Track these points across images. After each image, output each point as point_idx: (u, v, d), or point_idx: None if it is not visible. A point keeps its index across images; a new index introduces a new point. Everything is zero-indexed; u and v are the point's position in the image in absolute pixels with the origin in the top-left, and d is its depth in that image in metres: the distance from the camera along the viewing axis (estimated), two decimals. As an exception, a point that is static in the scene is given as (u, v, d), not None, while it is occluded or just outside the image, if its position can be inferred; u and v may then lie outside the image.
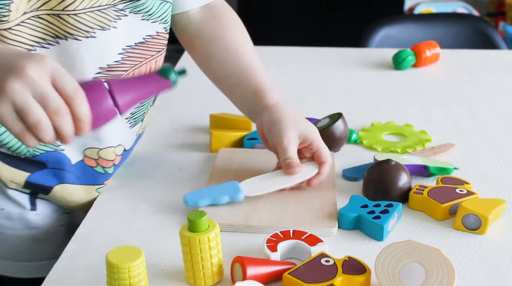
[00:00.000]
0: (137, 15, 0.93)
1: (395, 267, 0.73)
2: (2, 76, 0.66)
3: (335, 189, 0.97)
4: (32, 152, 0.93)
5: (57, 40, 0.86)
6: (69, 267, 0.81)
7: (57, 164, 0.96)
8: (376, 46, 2.09)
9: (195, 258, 0.75)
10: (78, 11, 0.86)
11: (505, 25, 3.22)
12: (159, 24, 0.97)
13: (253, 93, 1.01)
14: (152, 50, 0.97)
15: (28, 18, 0.84)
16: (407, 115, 1.29)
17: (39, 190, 0.97)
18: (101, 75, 0.92)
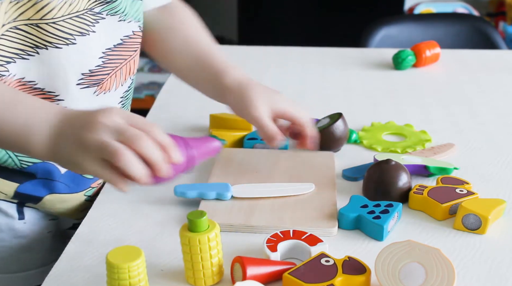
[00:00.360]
0: (114, 16, 0.93)
1: (395, 267, 0.73)
2: (80, 134, 0.70)
3: (335, 189, 0.97)
4: (20, 165, 0.92)
5: (36, 50, 0.85)
6: (69, 267, 0.81)
7: (46, 174, 0.95)
8: (376, 46, 2.09)
9: (195, 258, 0.75)
10: (56, 19, 0.85)
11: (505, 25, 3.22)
12: (134, 23, 0.97)
13: (215, 75, 1.01)
14: (130, 50, 0.98)
15: (6, 30, 0.82)
16: (407, 115, 1.29)
17: (29, 200, 0.96)
18: (84, 81, 0.91)
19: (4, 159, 0.91)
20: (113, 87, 0.97)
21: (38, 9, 0.83)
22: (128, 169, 0.69)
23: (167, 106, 1.34)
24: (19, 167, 0.92)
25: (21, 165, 0.92)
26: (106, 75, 0.94)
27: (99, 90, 0.94)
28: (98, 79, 0.93)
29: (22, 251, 0.98)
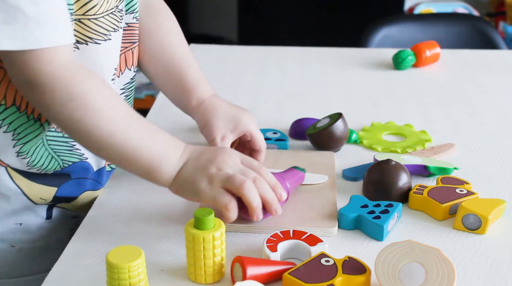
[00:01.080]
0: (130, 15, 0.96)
1: (395, 267, 0.73)
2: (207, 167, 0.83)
3: (335, 189, 0.97)
4: (62, 164, 0.93)
5: (77, 45, 0.86)
6: (69, 267, 0.81)
7: (81, 173, 0.96)
8: (376, 46, 2.09)
9: (198, 255, 0.75)
10: (98, 15, 0.87)
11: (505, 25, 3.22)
12: (130, 14, 0.98)
13: (182, 91, 1.03)
14: (126, 41, 0.98)
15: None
16: (407, 115, 1.29)
17: (64, 201, 0.97)
18: (114, 76, 0.94)
19: (48, 162, 0.91)
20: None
21: (81, 4, 0.84)
22: (250, 197, 0.81)
23: (167, 106, 1.34)
24: (61, 167, 0.94)
25: (63, 165, 0.94)
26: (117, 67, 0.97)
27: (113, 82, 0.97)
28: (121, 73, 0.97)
29: (47, 249, 0.99)
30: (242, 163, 0.84)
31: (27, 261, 0.97)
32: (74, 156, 0.94)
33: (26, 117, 0.87)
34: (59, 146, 0.92)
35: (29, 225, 0.96)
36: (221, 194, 0.81)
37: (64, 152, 0.93)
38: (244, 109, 1.02)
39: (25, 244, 0.97)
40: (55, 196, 0.95)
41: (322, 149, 1.10)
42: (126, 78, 1.01)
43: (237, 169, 0.83)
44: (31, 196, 0.93)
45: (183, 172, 0.84)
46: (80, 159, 0.95)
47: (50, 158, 0.92)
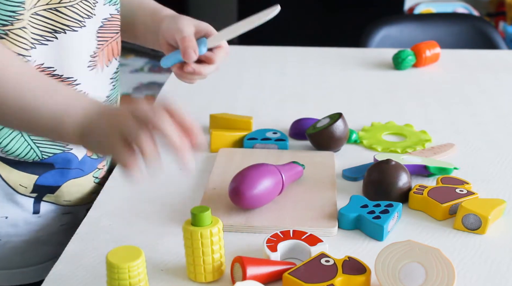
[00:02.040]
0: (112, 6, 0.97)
1: (395, 267, 0.73)
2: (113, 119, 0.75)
3: (335, 189, 0.97)
4: (41, 156, 0.93)
5: (55, 35, 0.87)
6: (69, 267, 0.81)
7: (65, 164, 0.97)
8: (376, 46, 2.09)
9: (196, 253, 0.76)
10: (73, 1, 0.88)
11: (505, 25, 3.22)
12: (111, 6, 0.99)
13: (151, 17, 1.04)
14: (111, 32, 0.99)
15: (28, 16, 0.84)
16: (407, 115, 1.29)
17: (47, 190, 0.97)
18: (91, 63, 0.95)
19: (26, 152, 0.92)
20: (101, 68, 0.99)
21: None
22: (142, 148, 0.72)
23: (167, 106, 1.34)
24: (40, 158, 0.94)
25: (42, 156, 0.94)
26: (96, 57, 0.97)
27: (96, 71, 0.98)
28: (97, 60, 0.97)
29: (37, 244, 0.99)
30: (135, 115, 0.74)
31: (14, 255, 0.98)
32: (57, 148, 0.94)
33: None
34: (38, 137, 0.91)
35: (15, 219, 0.96)
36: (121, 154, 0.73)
37: (44, 143, 0.93)
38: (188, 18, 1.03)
39: (12, 238, 0.97)
40: (36, 184, 0.95)
41: (322, 149, 1.10)
42: (113, 68, 1.03)
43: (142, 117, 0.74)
44: (11, 183, 0.94)
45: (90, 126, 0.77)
46: (63, 150, 0.95)
47: (28, 149, 0.92)
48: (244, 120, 1.17)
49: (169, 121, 0.74)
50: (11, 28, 0.82)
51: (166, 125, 0.73)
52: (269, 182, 0.90)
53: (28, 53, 0.86)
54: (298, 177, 0.98)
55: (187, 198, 0.97)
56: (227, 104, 1.13)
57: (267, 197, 0.90)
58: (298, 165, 0.98)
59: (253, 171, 0.91)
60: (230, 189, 0.90)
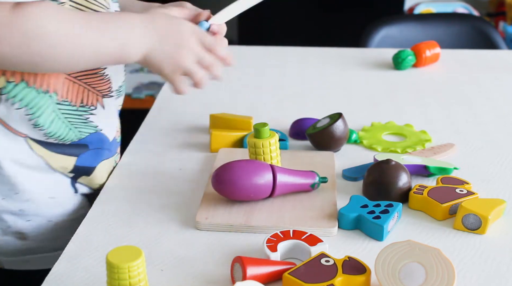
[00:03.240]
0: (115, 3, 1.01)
1: (395, 267, 0.73)
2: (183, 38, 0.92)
3: (335, 189, 0.97)
4: (79, 135, 0.97)
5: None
6: (69, 267, 0.81)
7: (98, 144, 1.00)
8: (376, 46, 2.09)
9: (259, 158, 0.96)
10: None
11: (505, 25, 3.22)
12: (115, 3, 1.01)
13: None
14: None
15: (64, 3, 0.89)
16: (407, 115, 1.29)
17: (83, 172, 1.00)
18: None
19: (65, 133, 0.95)
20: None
21: None
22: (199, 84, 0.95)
23: (167, 106, 1.34)
24: (78, 138, 0.97)
25: (80, 136, 0.97)
26: None
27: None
28: None
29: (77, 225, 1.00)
30: (204, 44, 0.93)
31: (66, 235, 0.98)
32: (90, 127, 0.98)
33: (36, 91, 0.90)
34: (74, 118, 0.96)
35: (62, 199, 0.99)
36: (179, 82, 0.94)
37: (79, 123, 0.97)
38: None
39: (60, 217, 1.00)
40: (75, 165, 0.98)
41: (322, 149, 1.10)
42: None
43: (200, 56, 0.93)
44: (52, 164, 0.96)
45: (151, 55, 0.90)
46: (96, 130, 0.99)
47: (68, 129, 0.95)
48: (244, 120, 1.17)
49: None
50: None
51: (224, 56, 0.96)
52: (256, 177, 0.90)
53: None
54: (303, 189, 0.95)
55: (187, 198, 0.97)
56: (227, 104, 1.13)
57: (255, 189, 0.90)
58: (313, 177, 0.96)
59: (241, 162, 0.91)
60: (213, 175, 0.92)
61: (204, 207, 0.92)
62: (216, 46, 0.94)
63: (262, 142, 0.96)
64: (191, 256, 0.83)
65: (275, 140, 0.97)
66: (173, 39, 0.91)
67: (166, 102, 1.37)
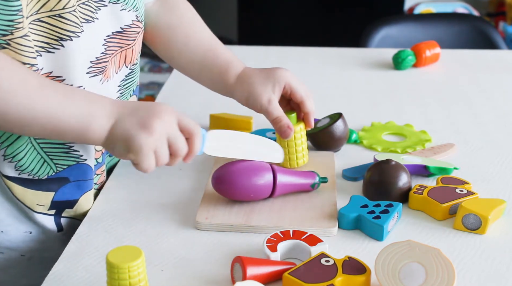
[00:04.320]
0: (116, 5, 0.93)
1: (395, 267, 0.73)
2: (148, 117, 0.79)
3: (335, 189, 0.97)
4: (55, 169, 0.91)
5: (61, 43, 0.84)
6: (69, 267, 0.81)
7: (80, 176, 0.94)
8: (376, 46, 2.09)
9: (290, 144, 1.00)
10: (74, 6, 0.85)
11: (505, 25, 3.22)
12: (132, 13, 0.97)
13: (218, 74, 1.04)
14: (128, 39, 0.97)
15: (30, 23, 0.81)
16: (407, 115, 1.29)
17: (65, 206, 0.95)
18: (92, 70, 0.91)
19: (39, 166, 0.90)
20: (111, 74, 0.97)
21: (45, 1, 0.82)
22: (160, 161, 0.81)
23: (167, 106, 1.34)
24: (55, 171, 0.91)
25: (56, 169, 0.91)
26: (105, 63, 0.94)
27: (103, 78, 0.94)
28: (102, 67, 0.93)
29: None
30: (179, 122, 0.82)
31: (39, 270, 0.96)
32: (71, 159, 0.92)
33: None
34: (53, 148, 0.90)
35: (39, 234, 0.95)
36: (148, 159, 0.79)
37: (59, 155, 0.91)
38: (276, 67, 1.03)
39: (35, 253, 0.96)
40: (53, 201, 0.93)
41: (322, 149, 1.10)
42: (121, 75, 1.00)
43: (171, 133, 0.80)
44: (27, 203, 0.92)
45: (117, 126, 0.80)
46: (78, 161, 0.93)
47: (41, 162, 0.90)
48: (244, 120, 1.17)
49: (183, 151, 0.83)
50: (12, 37, 0.79)
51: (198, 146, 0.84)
52: (256, 177, 0.90)
53: (35, 61, 0.83)
54: (304, 189, 0.95)
55: (187, 198, 0.97)
56: (227, 104, 1.13)
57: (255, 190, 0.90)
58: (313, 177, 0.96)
59: (241, 162, 0.91)
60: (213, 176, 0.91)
61: (204, 207, 0.92)
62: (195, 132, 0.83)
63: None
64: (191, 256, 0.83)
65: (302, 128, 1.01)
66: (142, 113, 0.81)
67: (166, 102, 1.36)
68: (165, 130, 0.79)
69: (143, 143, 0.78)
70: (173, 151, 0.81)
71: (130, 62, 1.01)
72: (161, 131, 0.79)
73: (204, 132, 0.87)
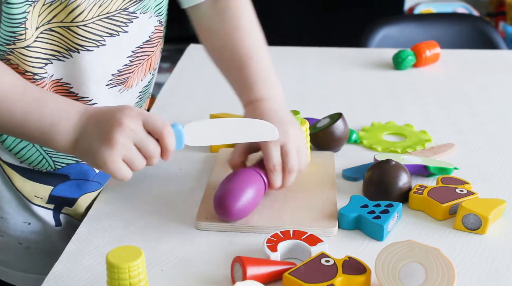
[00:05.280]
0: (146, 14, 0.91)
1: (395, 267, 0.73)
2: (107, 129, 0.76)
3: (335, 189, 0.97)
4: (54, 166, 0.92)
5: (70, 53, 0.85)
6: (69, 267, 0.81)
7: (80, 175, 0.95)
8: (376, 46, 2.09)
9: None
10: (87, 21, 0.84)
11: (505, 25, 3.22)
12: (154, 18, 0.95)
13: (239, 90, 0.99)
14: (153, 45, 0.96)
15: (42, 32, 0.82)
16: (407, 115, 1.29)
17: (64, 202, 0.95)
18: (112, 81, 0.91)
19: (38, 161, 0.90)
20: (134, 83, 0.96)
21: (68, 11, 0.82)
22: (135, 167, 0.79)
23: (167, 106, 1.34)
24: (53, 168, 0.92)
25: (55, 167, 0.92)
26: (131, 74, 0.93)
27: (123, 88, 0.94)
28: (124, 78, 0.93)
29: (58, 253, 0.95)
30: (145, 125, 0.78)
31: (36, 260, 0.97)
32: (70, 158, 0.92)
33: None
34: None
35: (37, 226, 0.95)
36: (119, 170, 0.78)
37: (57, 153, 0.91)
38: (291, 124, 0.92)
39: (33, 244, 0.96)
40: (51, 195, 0.93)
41: (322, 149, 1.10)
42: (145, 82, 1.00)
43: (137, 138, 0.77)
44: (26, 194, 0.92)
45: (81, 142, 0.78)
46: (77, 161, 0.93)
47: (40, 158, 0.90)
48: (244, 120, 1.17)
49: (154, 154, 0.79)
50: (14, 47, 0.80)
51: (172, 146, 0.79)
52: (253, 191, 0.88)
53: (40, 71, 0.84)
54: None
55: (187, 198, 0.97)
56: (227, 104, 1.13)
57: (253, 204, 0.88)
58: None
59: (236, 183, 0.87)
60: (216, 204, 0.87)
61: (204, 207, 0.91)
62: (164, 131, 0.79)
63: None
64: (191, 256, 0.83)
65: (305, 128, 1.00)
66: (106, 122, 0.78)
67: (166, 102, 1.36)
68: (128, 137, 0.76)
69: (105, 157, 0.76)
70: (144, 154, 0.79)
71: (153, 68, 1.00)
72: (123, 140, 0.76)
73: (180, 127, 0.83)
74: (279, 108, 0.94)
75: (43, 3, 0.80)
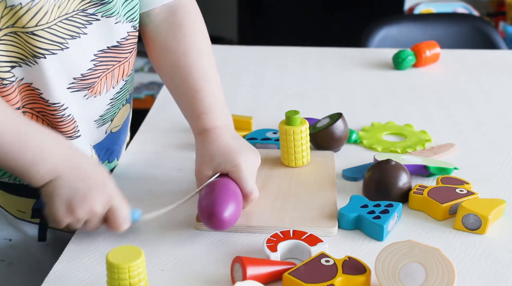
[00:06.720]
0: (110, 18, 0.89)
1: (395, 267, 0.73)
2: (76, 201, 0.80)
3: (335, 189, 0.97)
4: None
5: (35, 59, 0.83)
6: (69, 267, 0.81)
7: None
8: (376, 46, 2.09)
9: (289, 145, 1.01)
10: (50, 23, 0.82)
11: (505, 25, 3.22)
12: (127, 24, 0.92)
13: (189, 117, 0.97)
14: (124, 52, 0.94)
15: (5, 35, 0.80)
16: (407, 115, 1.29)
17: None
18: (74, 85, 0.89)
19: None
20: (103, 90, 0.93)
21: (32, 15, 0.79)
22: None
23: (167, 106, 1.34)
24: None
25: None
26: (97, 79, 0.91)
27: (89, 94, 0.91)
28: (89, 83, 0.90)
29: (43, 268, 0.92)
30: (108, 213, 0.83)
31: (19, 278, 0.95)
32: None
33: None
34: None
35: (18, 242, 0.94)
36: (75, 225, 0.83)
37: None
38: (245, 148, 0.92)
39: (15, 260, 0.95)
40: (34, 208, 0.90)
41: (322, 148, 1.10)
42: (117, 89, 0.97)
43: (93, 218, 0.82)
44: (9, 209, 0.91)
45: (49, 187, 0.81)
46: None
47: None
48: (244, 120, 1.17)
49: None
50: None
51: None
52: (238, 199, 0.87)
53: (7, 75, 0.82)
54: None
55: (187, 198, 0.97)
56: (227, 104, 1.13)
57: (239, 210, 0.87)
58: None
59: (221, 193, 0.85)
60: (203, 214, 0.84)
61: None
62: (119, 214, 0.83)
63: (293, 129, 1.00)
64: (191, 256, 0.83)
65: (305, 128, 1.01)
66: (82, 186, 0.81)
67: (166, 102, 1.36)
68: (85, 215, 0.81)
69: (61, 219, 0.81)
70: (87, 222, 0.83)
71: (127, 74, 0.97)
72: (82, 216, 0.81)
73: (138, 215, 0.87)
74: (231, 136, 0.94)
75: (4, 6, 0.78)
